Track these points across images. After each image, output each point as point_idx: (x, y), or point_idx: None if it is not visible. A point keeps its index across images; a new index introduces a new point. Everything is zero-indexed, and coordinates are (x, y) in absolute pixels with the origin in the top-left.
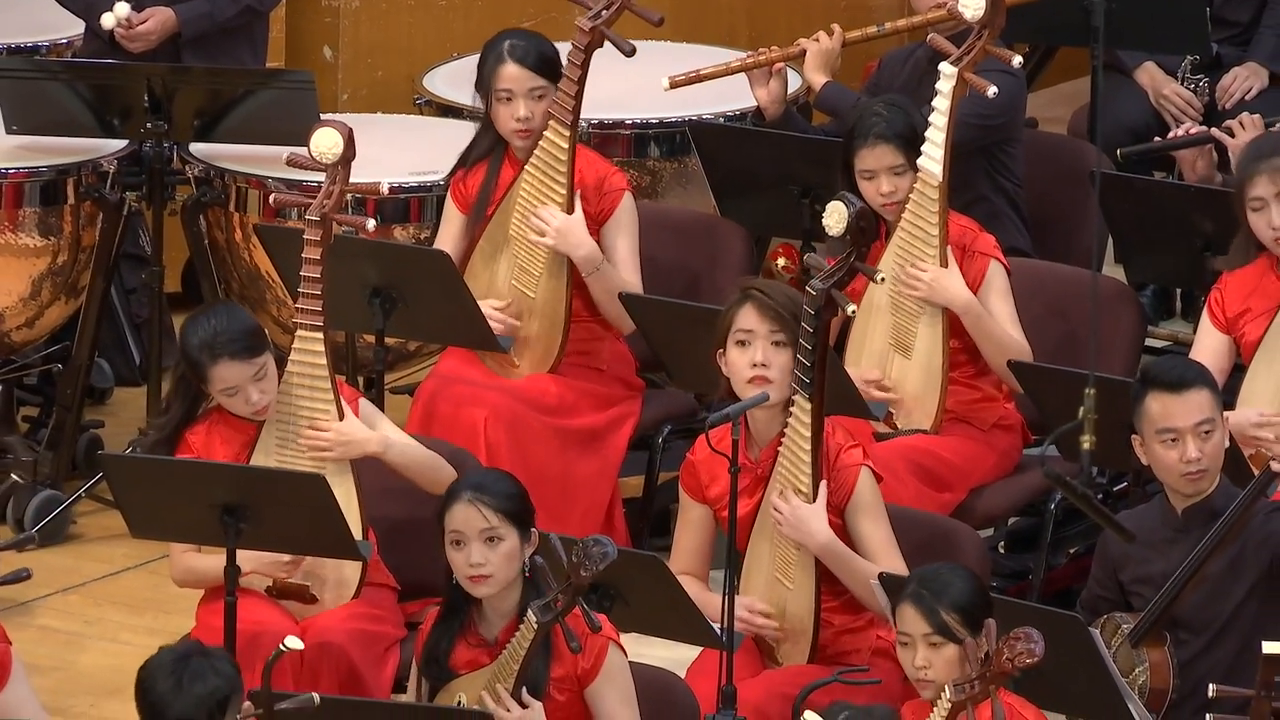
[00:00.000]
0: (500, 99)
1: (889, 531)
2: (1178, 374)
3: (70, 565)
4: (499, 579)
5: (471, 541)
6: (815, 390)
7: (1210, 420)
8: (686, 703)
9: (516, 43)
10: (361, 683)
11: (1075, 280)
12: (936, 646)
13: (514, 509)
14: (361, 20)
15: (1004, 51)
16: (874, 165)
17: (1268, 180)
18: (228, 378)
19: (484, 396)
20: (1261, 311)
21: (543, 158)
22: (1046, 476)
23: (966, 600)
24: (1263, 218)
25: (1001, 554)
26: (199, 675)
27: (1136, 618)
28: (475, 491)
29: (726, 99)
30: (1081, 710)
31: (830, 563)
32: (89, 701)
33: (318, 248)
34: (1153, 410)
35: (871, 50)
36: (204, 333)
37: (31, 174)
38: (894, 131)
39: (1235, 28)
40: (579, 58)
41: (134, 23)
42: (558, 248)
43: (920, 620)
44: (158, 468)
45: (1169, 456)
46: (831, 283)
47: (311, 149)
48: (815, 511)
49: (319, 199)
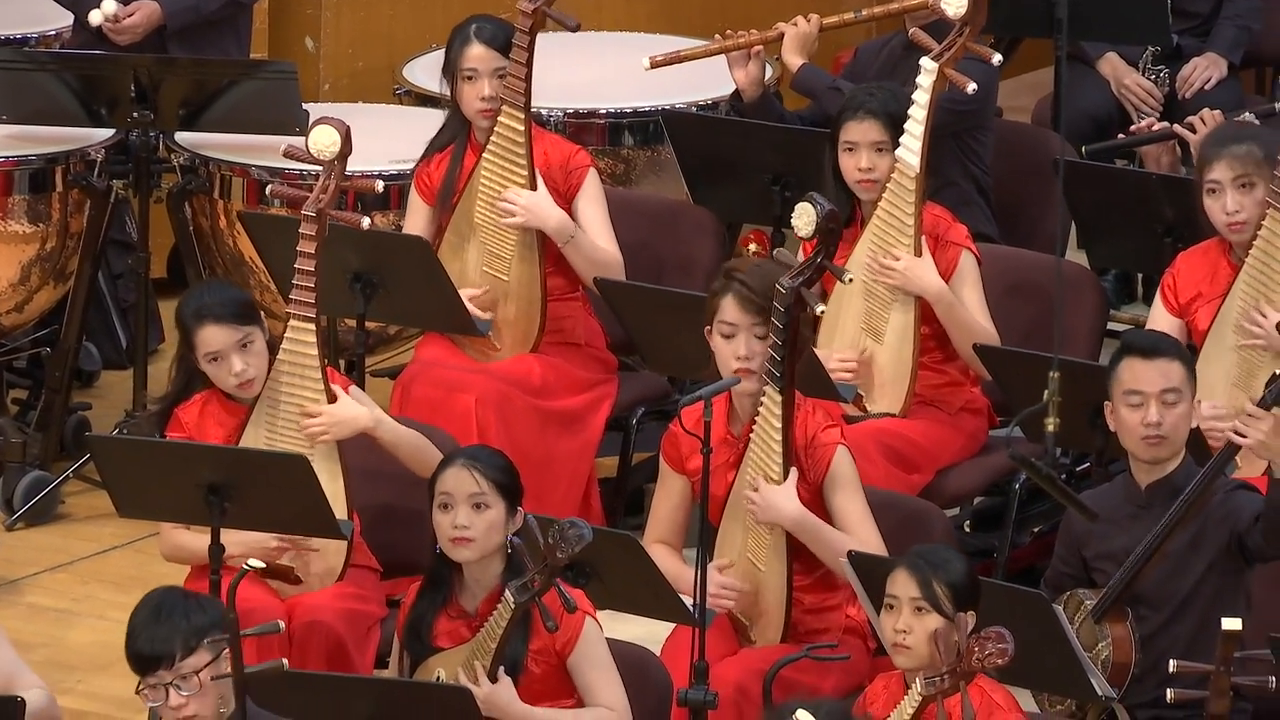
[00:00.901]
0: (465, 78)
1: (865, 506)
2: (1152, 341)
3: (59, 544)
4: (480, 545)
5: (459, 505)
6: (785, 383)
7: (1176, 390)
8: (660, 678)
9: (482, 25)
10: (348, 659)
11: (1039, 265)
12: (921, 613)
13: (504, 481)
14: (343, 12)
15: (984, 49)
16: (858, 138)
17: (1226, 165)
18: (211, 341)
19: (472, 381)
20: (1213, 297)
21: (500, 142)
22: (1011, 458)
23: (960, 580)
24: (1217, 201)
25: (967, 533)
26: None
27: (1099, 593)
28: (469, 458)
29: (699, 88)
30: (1047, 685)
31: (803, 537)
32: (77, 677)
33: (312, 242)
34: (1124, 374)
35: (841, 40)
36: (196, 299)
37: (21, 162)
38: (883, 109)
39: (1195, 19)
40: (524, 40)
41: (121, 17)
42: (529, 224)
43: (913, 585)
44: (144, 448)
45: (1132, 418)
46: (800, 281)
47: (310, 145)
48: (784, 490)
49: (314, 194)
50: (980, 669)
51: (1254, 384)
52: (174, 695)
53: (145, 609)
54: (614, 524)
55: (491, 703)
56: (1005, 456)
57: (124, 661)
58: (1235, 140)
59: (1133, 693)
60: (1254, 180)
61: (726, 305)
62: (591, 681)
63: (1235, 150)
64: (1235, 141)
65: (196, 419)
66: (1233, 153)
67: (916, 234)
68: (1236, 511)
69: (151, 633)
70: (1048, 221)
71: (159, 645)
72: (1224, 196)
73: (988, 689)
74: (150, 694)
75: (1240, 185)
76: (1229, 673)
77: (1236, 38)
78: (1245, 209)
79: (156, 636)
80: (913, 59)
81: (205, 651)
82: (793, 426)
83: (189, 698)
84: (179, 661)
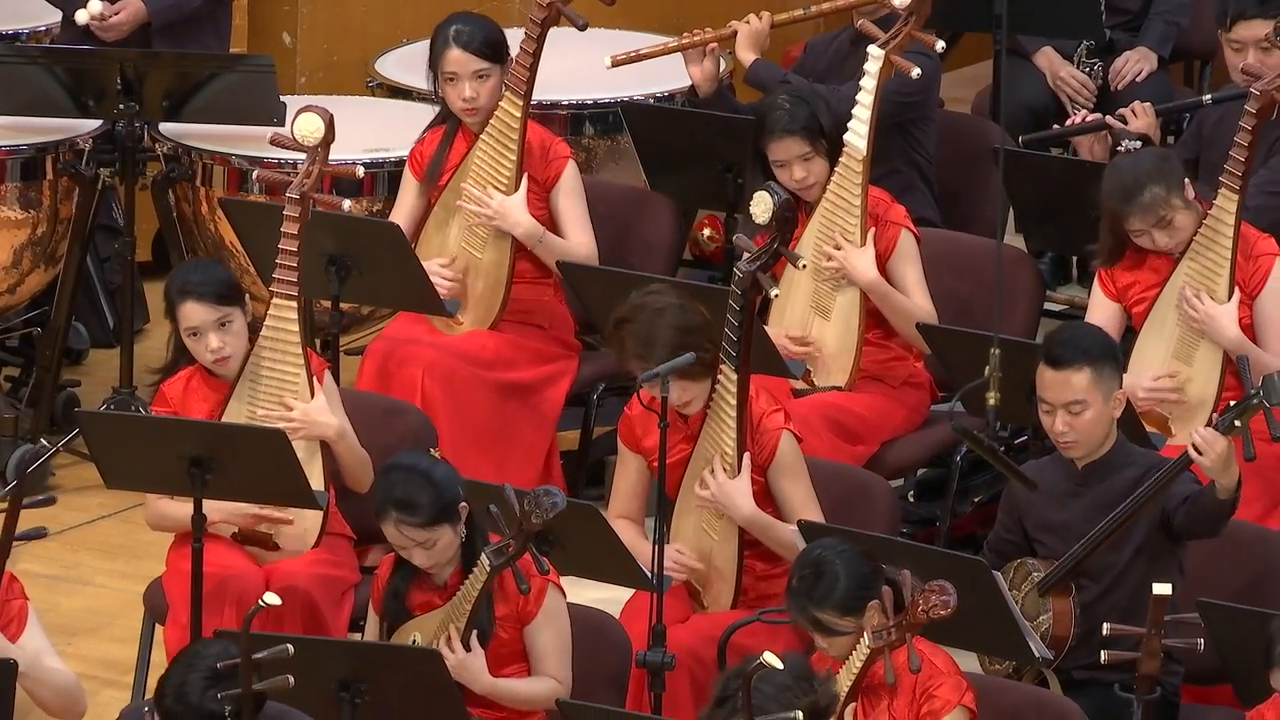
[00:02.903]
0: (446, 80)
1: (809, 489)
2: (1059, 352)
3: (49, 514)
4: (442, 565)
5: (413, 549)
6: (741, 363)
7: (1080, 401)
8: (620, 641)
9: (461, 28)
10: (322, 622)
11: (979, 248)
12: (829, 638)
13: (437, 513)
14: (318, 8)
15: (928, 37)
16: (783, 156)
17: (1139, 219)
18: (191, 317)
19: (420, 354)
20: (1149, 285)
21: (498, 127)
22: (954, 430)
23: (842, 598)
24: (1146, 240)
25: (911, 502)
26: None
27: (1045, 564)
28: (399, 512)
29: (656, 81)
30: (986, 646)
31: (755, 532)
32: (66, 640)
33: (295, 223)
34: (1037, 379)
35: (790, 36)
36: (182, 276)
37: (12, 151)
38: (798, 124)
39: (1127, 15)
40: (535, 31)
41: (107, 15)
42: (500, 226)
43: (805, 626)
44: (130, 423)
45: (1045, 421)
46: (757, 266)
47: (295, 131)
48: (739, 487)
49: (298, 178)
50: (926, 620)
51: (1192, 357)
52: (214, 338)
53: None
54: (576, 494)
55: (464, 670)
56: (947, 429)
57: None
58: (1139, 191)
59: (1070, 657)
60: (1170, 216)
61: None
62: (544, 651)
63: (1143, 201)
64: (1136, 193)
65: (181, 394)
66: (1141, 205)
67: (863, 214)
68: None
69: None
70: (988, 207)
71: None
72: (1149, 237)
73: (929, 653)
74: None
75: (1163, 225)
76: (1160, 635)
77: (1166, 33)
78: (1175, 236)
79: None
80: (859, 53)
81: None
82: (748, 405)
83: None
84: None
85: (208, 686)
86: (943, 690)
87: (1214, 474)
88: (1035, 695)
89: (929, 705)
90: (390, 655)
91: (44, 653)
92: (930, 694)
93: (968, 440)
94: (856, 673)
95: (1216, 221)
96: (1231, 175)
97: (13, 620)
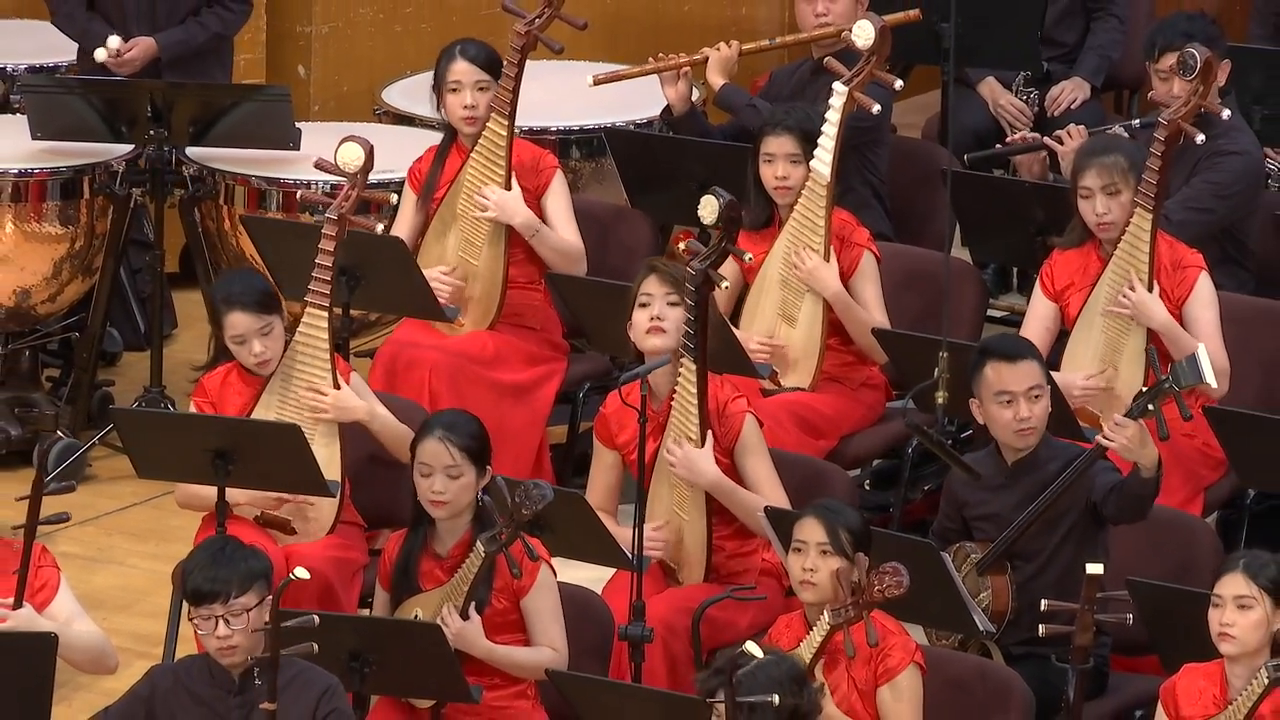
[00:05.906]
0: (450, 90)
1: (771, 467)
2: (1012, 346)
3: (87, 501)
4: (454, 505)
5: (436, 473)
6: (699, 353)
7: (1040, 386)
8: (603, 615)
9: (466, 45)
10: (335, 599)
11: (929, 260)
12: (826, 555)
13: (475, 448)
14: (330, 43)
15: (887, 75)
16: (775, 150)
17: (1095, 174)
18: (237, 326)
19: (426, 357)
20: (1083, 286)
21: (486, 145)
22: (907, 425)
23: (857, 526)
24: (1089, 205)
25: (867, 490)
26: (237, 555)
27: (982, 547)
28: (445, 430)
29: (636, 108)
30: (935, 622)
31: (720, 497)
32: (101, 616)
33: (333, 241)
34: (990, 377)
35: (756, 66)
36: (227, 286)
37: (53, 173)
38: (798, 126)
39: (1063, 48)
40: (515, 58)
41: (122, 52)
42: (499, 218)
43: (819, 530)
44: (159, 419)
45: (1004, 415)
46: (708, 263)
47: (337, 159)
48: (703, 454)
49: (338, 201)
50: (881, 599)
51: (1117, 357)
52: (222, 627)
53: (205, 552)
54: (563, 483)
55: (462, 637)
56: (901, 425)
57: (142, 602)
58: (1105, 151)
59: (1009, 633)
60: (1120, 188)
61: (647, 282)
62: (540, 623)
63: (1104, 160)
64: (1105, 153)
65: (219, 387)
66: (1102, 162)
67: (827, 234)
68: (1092, 481)
69: (212, 573)
70: (937, 223)
71: (218, 584)
72: (1094, 200)
73: (880, 619)
74: (201, 624)
75: (1108, 192)
76: (1093, 610)
77: (1099, 65)
78: (1113, 211)
79: (217, 577)
80: (819, 81)
81: (254, 594)
82: (707, 391)
83: (235, 630)
84: (232, 600)
85: None
86: (895, 650)
87: (1131, 455)
88: (979, 664)
89: (884, 664)
90: (396, 629)
91: (74, 617)
92: (884, 653)
93: (918, 435)
94: (816, 647)
95: (1134, 238)
96: (1144, 196)
97: (44, 586)
